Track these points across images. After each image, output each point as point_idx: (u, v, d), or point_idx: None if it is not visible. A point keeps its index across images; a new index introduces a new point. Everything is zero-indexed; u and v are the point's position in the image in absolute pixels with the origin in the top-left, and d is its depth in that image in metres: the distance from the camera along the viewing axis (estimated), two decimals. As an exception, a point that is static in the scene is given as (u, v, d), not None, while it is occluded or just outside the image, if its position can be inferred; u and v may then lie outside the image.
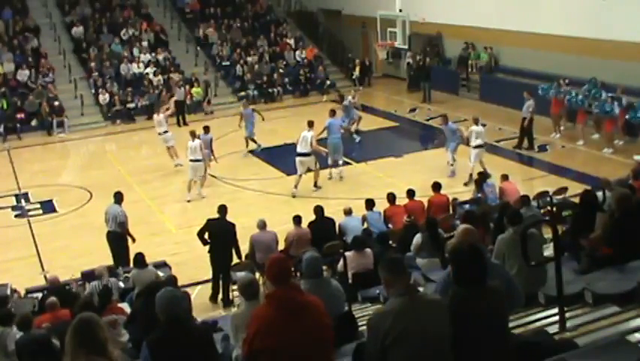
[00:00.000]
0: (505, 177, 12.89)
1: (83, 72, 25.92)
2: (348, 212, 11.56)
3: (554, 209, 11.59)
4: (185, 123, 22.89)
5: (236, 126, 19.41)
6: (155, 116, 18.82)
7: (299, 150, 15.42)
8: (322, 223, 11.23)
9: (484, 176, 12.76)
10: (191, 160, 15.67)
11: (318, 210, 11.41)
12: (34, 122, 23.12)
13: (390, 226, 11.64)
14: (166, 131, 18.10)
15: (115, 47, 26.91)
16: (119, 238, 11.80)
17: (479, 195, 12.50)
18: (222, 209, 10.98)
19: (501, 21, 21.75)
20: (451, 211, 12.06)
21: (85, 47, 26.68)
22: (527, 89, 18.28)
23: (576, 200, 10.31)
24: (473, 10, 22.82)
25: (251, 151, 18.89)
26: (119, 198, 12.07)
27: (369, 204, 11.77)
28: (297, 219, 11.11)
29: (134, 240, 11.91)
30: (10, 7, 27.84)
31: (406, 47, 23.82)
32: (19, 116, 23.16)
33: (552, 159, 17.02)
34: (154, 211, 15.35)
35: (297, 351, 3.89)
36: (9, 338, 6.90)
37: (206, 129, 16.90)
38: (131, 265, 10.18)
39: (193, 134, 15.94)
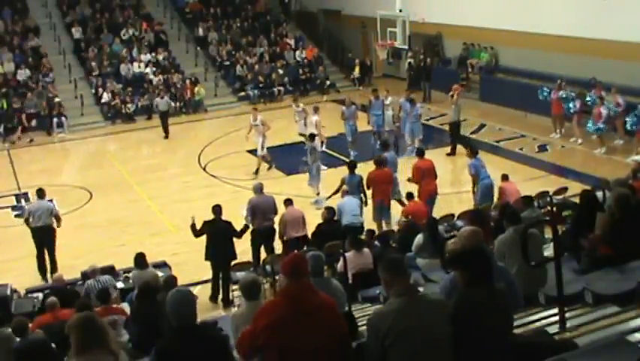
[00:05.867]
0: (505, 177, 12.88)
1: (82, 72, 25.92)
2: (345, 193, 12.07)
3: (554, 209, 11.58)
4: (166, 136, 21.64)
5: (236, 126, 19.30)
6: None
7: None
8: (331, 225, 11.09)
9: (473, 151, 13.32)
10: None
11: (330, 211, 11.31)
12: (34, 122, 23.11)
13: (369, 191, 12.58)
14: None
15: (115, 47, 26.91)
16: None
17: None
18: (216, 209, 10.93)
19: (501, 21, 21.71)
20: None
21: (85, 47, 26.67)
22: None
23: (576, 200, 10.31)
24: (473, 10, 22.79)
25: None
26: None
27: (351, 167, 12.73)
28: (289, 201, 11.46)
29: None
30: (10, 7, 27.84)
31: (406, 46, 23.78)
32: (19, 116, 23.16)
33: (552, 159, 17.00)
34: (154, 211, 15.36)
35: (308, 352, 3.87)
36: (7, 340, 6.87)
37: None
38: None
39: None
